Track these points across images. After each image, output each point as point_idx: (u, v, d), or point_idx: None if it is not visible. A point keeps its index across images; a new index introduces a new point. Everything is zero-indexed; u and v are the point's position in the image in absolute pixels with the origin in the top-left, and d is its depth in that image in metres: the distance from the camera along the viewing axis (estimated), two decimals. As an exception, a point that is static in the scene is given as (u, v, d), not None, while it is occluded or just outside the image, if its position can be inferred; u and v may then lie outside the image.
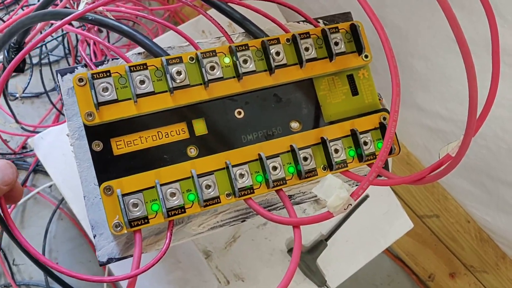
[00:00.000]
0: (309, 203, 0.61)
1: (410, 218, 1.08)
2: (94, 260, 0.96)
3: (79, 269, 0.95)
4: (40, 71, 0.90)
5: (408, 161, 1.01)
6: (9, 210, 0.90)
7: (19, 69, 0.60)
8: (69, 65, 0.96)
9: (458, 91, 0.74)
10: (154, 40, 0.65)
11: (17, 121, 0.74)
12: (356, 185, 0.44)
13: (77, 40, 0.94)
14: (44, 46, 0.96)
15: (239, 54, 0.39)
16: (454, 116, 0.79)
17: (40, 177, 0.97)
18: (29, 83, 0.91)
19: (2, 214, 0.37)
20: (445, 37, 0.68)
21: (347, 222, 0.61)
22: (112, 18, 0.40)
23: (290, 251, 0.58)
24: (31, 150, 0.94)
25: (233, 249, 0.56)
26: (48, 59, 0.97)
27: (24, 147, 0.96)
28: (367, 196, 0.63)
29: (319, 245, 0.58)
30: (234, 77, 0.39)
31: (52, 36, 0.92)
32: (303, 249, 0.58)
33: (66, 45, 0.95)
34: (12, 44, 0.59)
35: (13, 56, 0.59)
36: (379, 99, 0.44)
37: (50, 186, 0.96)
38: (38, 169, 0.96)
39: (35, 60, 0.94)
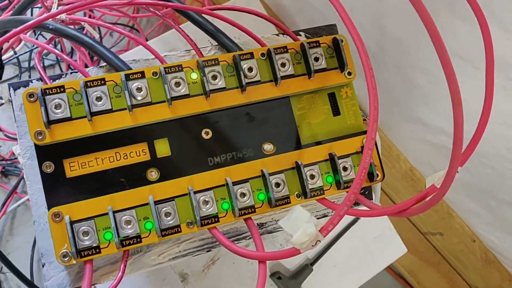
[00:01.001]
0: (295, 224, 0.57)
1: (413, 234, 1.04)
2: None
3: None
4: (29, 76, 0.88)
5: (412, 176, 0.97)
6: (-2, 217, 0.88)
7: (-3, 76, 0.57)
8: (61, 71, 0.94)
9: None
10: (130, 51, 0.62)
11: (-1, 129, 0.72)
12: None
13: (72, 48, 0.92)
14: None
15: (208, 69, 0.36)
16: (458, 133, 0.75)
17: (31, 184, 0.95)
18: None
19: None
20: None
21: (335, 246, 0.57)
22: (75, 29, 0.38)
23: (273, 275, 0.55)
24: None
25: (212, 272, 0.53)
26: (43, 63, 0.95)
27: (14, 153, 0.94)
28: (357, 218, 0.59)
29: (304, 269, 0.55)
30: (201, 94, 0.36)
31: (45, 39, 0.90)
32: (286, 274, 0.55)
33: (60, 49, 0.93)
34: (-11, 51, 0.56)
35: (-9, 62, 0.57)
36: (364, 120, 0.40)
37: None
38: (30, 175, 0.94)
39: (25, 64, 0.92)
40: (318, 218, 0.39)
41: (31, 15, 0.85)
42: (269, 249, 0.57)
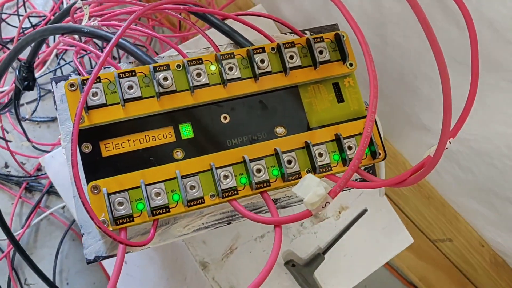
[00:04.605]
0: (307, 216, 0.61)
1: (423, 241, 1.06)
2: (104, 281, 0.97)
3: (89, 290, 0.96)
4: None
5: (419, 183, 1.00)
6: (22, 230, 0.93)
7: (29, 87, 0.63)
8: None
9: (460, 109, 0.74)
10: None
11: (28, 140, 0.77)
12: (344, 190, 0.44)
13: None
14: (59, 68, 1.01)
15: (224, 62, 0.40)
16: (460, 135, 0.79)
17: (53, 199, 0.99)
18: (37, 105, 0.94)
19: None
20: (450, 59, 0.68)
21: (345, 236, 0.60)
22: (107, 30, 0.43)
23: (287, 263, 0.58)
24: (46, 173, 0.96)
25: (230, 260, 0.56)
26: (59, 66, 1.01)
27: (39, 169, 0.99)
28: (365, 210, 0.63)
29: (316, 258, 0.58)
30: (220, 83, 0.40)
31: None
32: (301, 262, 0.58)
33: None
34: (23, 63, 0.62)
35: (24, 75, 0.62)
36: (366, 107, 0.44)
37: (63, 207, 0.98)
38: (52, 190, 0.98)
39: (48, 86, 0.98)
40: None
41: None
42: (283, 240, 0.61)
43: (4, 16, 1.02)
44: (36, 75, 0.95)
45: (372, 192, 0.63)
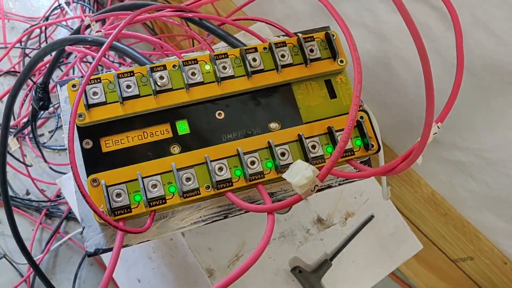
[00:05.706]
0: (313, 223, 0.61)
1: (444, 262, 1.04)
2: (121, 306, 0.97)
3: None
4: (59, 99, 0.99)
5: (435, 200, 0.99)
6: (42, 255, 0.95)
7: (44, 107, 0.66)
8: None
9: (468, 117, 0.74)
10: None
11: (45, 161, 0.80)
12: (340, 183, 0.45)
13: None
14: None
15: (218, 61, 0.42)
16: (470, 145, 0.79)
17: (72, 224, 1.02)
18: (55, 131, 0.98)
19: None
20: (449, 63, 0.69)
21: (352, 242, 0.60)
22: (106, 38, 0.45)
23: (293, 269, 0.58)
24: (64, 197, 0.99)
25: (236, 267, 0.57)
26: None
27: (58, 196, 1.02)
28: (372, 216, 0.62)
29: (323, 264, 0.58)
30: (214, 81, 0.42)
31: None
32: (308, 269, 0.58)
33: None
34: (38, 85, 0.65)
35: (40, 95, 0.66)
36: (361, 104, 0.45)
37: (82, 233, 1.00)
38: (71, 216, 1.01)
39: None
40: (323, 189, 0.44)
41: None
42: (289, 247, 0.61)
43: (27, 51, 1.08)
44: (55, 102, 0.99)
45: (379, 198, 0.63)
